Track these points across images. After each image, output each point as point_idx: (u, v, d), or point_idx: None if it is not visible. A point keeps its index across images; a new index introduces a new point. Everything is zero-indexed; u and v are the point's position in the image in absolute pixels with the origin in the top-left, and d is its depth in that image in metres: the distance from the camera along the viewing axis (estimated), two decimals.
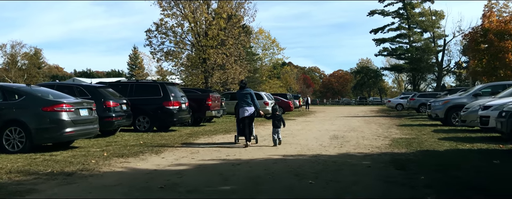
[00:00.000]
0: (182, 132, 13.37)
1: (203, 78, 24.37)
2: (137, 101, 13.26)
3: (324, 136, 11.89)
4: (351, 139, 11.07)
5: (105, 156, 7.91)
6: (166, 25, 23.92)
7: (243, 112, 9.55)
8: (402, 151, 8.38)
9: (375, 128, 15.22)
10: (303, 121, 20.79)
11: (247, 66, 26.97)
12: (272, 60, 53.98)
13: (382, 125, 16.62)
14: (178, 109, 13.45)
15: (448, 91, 22.03)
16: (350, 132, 13.19)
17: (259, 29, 50.82)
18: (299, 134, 12.84)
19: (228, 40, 23.88)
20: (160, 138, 11.46)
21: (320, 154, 8.17)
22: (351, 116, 26.37)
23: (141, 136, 11.81)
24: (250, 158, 7.69)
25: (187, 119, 14.31)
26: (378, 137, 11.44)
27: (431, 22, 68.34)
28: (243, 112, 9.56)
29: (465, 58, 67.13)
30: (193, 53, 24.49)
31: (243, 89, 9.71)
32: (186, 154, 8.34)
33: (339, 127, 15.81)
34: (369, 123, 17.99)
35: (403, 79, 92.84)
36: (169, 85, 13.85)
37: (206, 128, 15.43)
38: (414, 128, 14.81)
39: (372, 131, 13.60)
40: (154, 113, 13.20)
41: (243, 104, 9.56)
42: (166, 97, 13.24)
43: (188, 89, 18.21)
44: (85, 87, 11.53)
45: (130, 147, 9.29)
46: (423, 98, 29.84)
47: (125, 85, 13.88)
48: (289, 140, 10.95)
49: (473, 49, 28.23)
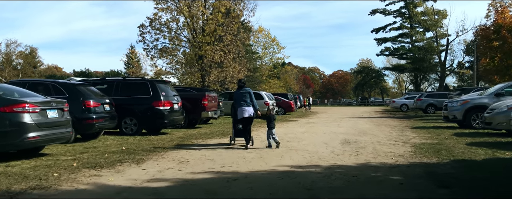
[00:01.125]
0: (174, 135, 11.97)
1: (200, 77, 22.87)
2: (123, 101, 11.85)
3: (334, 141, 10.48)
4: (366, 144, 9.67)
5: (73, 167, 6.50)
6: (160, 20, 22.46)
7: (242, 112, 8.91)
8: (433, 161, 6.98)
9: (388, 130, 13.83)
10: (306, 122, 19.39)
11: (246, 65, 25.44)
12: (272, 60, 52.50)
13: (394, 127, 15.22)
14: (169, 110, 12.03)
15: (461, 90, 20.66)
16: (361, 136, 11.79)
17: (259, 28, 49.41)
18: (304, 137, 11.44)
19: (226, 37, 22.37)
20: (147, 142, 10.05)
21: (335, 164, 6.77)
22: (356, 117, 24.99)
23: (126, 141, 10.40)
24: (249, 171, 6.29)
25: (180, 120, 12.89)
26: (396, 142, 10.04)
27: (433, 21, 66.98)
28: (241, 112, 8.93)
29: (469, 58, 66.06)
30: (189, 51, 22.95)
31: (241, 88, 9.13)
32: (172, 164, 6.93)
33: (347, 129, 14.41)
34: (379, 125, 16.59)
35: (404, 80, 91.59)
36: (160, 83, 12.44)
37: (202, 130, 14.02)
38: (431, 130, 13.41)
39: (385, 135, 12.20)
40: (142, 114, 11.78)
41: (242, 103, 8.95)
42: (156, 96, 11.82)
43: (182, 88, 16.79)
44: (62, 84, 10.10)
45: (108, 155, 7.88)
46: (431, 99, 28.52)
47: (110, 83, 12.46)
48: (295, 145, 9.55)
49: (485, 46, 26.81)
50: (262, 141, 10.07)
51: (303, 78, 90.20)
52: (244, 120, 8.93)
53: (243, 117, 8.88)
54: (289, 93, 37.59)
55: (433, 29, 67.08)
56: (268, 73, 50.84)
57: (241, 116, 8.89)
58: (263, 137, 10.78)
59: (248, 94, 8.96)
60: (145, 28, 22.46)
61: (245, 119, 8.92)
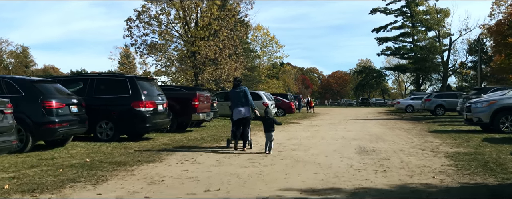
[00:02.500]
0: (158, 142, 10.20)
1: (193, 75, 20.96)
2: (98, 101, 10.09)
3: (348, 149, 8.73)
4: (388, 154, 7.92)
5: (2, 191, 4.74)
6: (149, 13, 20.57)
7: (238, 113, 8.37)
8: (491, 182, 5.23)
9: (404, 135, 12.08)
10: (309, 125, 17.64)
11: (243, 62, 23.54)
12: (271, 59, 50.67)
13: (409, 131, 13.47)
14: (152, 111, 10.25)
15: (477, 90, 18.92)
16: (378, 142, 10.04)
17: (258, 26, 47.67)
18: (311, 144, 9.68)
19: (221, 31, 20.46)
20: (121, 151, 8.28)
21: (361, 186, 5.01)
22: (361, 118, 23.27)
23: (98, 149, 8.62)
24: (245, 198, 4.52)
25: (165, 124, 11.10)
26: (423, 151, 8.29)
27: (436, 20, 65.49)
28: (237, 113, 8.39)
29: (472, 57, 64.47)
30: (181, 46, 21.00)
31: (237, 87, 8.56)
32: (141, 184, 5.17)
33: (357, 133, 12.66)
34: (391, 128, 14.84)
35: (403, 80, 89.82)
36: (141, 80, 10.64)
37: (192, 134, 12.26)
38: (454, 135, 11.67)
39: (405, 141, 10.45)
40: (119, 117, 9.99)
41: (237, 104, 8.42)
42: (136, 95, 10.04)
43: (171, 87, 15.03)
44: (16, 80, 8.28)
45: (64, 170, 6.11)
46: (440, 99, 26.81)
47: (84, 80, 10.65)
48: (301, 155, 7.80)
49: (499, 43, 25.09)
50: (262, 147, 8.33)
51: (302, 78, 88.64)
52: (239, 121, 8.36)
53: (238, 118, 8.35)
54: (289, 93, 35.85)
55: (436, 28, 65.52)
56: (267, 72, 49.04)
57: (236, 117, 8.37)
58: (262, 143, 9.03)
59: (243, 93, 8.41)
60: (132, 22, 20.59)
61: (241, 120, 8.35)
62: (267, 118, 8.26)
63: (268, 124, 8.14)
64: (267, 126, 8.11)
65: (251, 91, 20.26)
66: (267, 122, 8.18)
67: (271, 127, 8.10)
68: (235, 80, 8.74)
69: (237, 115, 8.34)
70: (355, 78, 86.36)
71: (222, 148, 8.79)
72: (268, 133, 8.08)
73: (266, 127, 8.12)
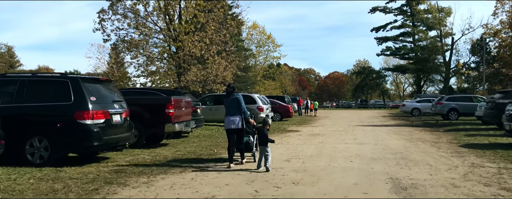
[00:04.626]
0: (112, 164, 7.53)
1: (176, 76, 18.09)
2: (29, 110, 7.43)
3: (374, 183, 6.06)
4: (440, 195, 5.27)
5: None
6: (124, 3, 17.68)
7: (228, 124, 7.60)
8: None
9: (435, 152, 9.44)
10: (310, 133, 15.00)
11: (235, 61, 20.67)
12: (267, 59, 47.90)
13: (437, 145, 10.84)
14: (103, 124, 7.55)
15: (504, 93, 16.33)
16: (410, 167, 7.39)
17: (253, 24, 44.96)
18: (319, 170, 7.02)
19: (209, 25, 17.65)
20: (45, 185, 5.59)
21: None
22: (367, 124, 20.69)
23: (14, 181, 5.92)
24: None
25: (124, 139, 8.33)
26: (487, 187, 5.65)
27: (437, 19, 63.18)
28: (228, 123, 7.62)
29: (474, 58, 62.16)
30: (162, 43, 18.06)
31: (230, 95, 7.68)
32: None
33: (374, 149, 10.02)
34: (412, 140, 12.21)
35: (402, 81, 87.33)
36: (90, 82, 7.91)
37: (165, 151, 9.57)
38: (502, 153, 9.06)
39: (444, 163, 7.82)
40: (58, 132, 7.28)
41: (229, 112, 7.66)
42: (80, 103, 7.32)
43: (143, 90, 12.32)
44: None
45: None
46: (453, 102, 24.25)
47: (12, 81, 7.91)
48: (308, 192, 5.16)
49: None
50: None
51: (298, 80, 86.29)
52: (230, 132, 7.62)
53: (228, 128, 7.61)
54: (286, 95, 33.23)
55: (437, 28, 63.24)
56: (263, 73, 46.31)
57: (227, 127, 7.64)
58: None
59: (236, 101, 7.56)
60: (105, 14, 17.73)
61: (232, 131, 7.59)
62: (261, 130, 7.35)
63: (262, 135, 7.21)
64: (262, 138, 7.20)
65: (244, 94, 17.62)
66: (261, 133, 7.30)
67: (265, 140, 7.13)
68: (229, 88, 7.79)
69: (227, 124, 7.59)
70: (353, 79, 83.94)
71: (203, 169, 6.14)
72: (262, 146, 7.13)
73: (261, 139, 7.25)
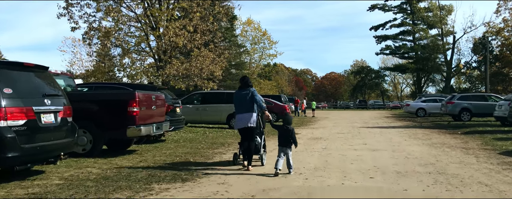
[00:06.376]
0: (44, 183, 5.31)
1: (155, 70, 15.71)
2: None
3: None
4: None
5: None
6: None
7: (240, 120, 6.69)
8: None
9: (474, 162, 7.30)
10: (311, 137, 12.87)
11: (225, 53, 18.22)
12: (263, 57, 45.68)
13: (469, 152, 8.70)
14: (24, 127, 5.32)
15: None
16: (460, 188, 5.24)
17: (248, 19, 42.77)
18: (328, 192, 4.85)
19: (193, 10, 15.27)
20: None
21: None
22: (373, 125, 18.60)
23: None
24: None
25: (61, 147, 6.08)
26: None
27: (438, 17, 61.25)
28: (240, 121, 6.72)
29: (477, 57, 60.40)
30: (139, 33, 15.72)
31: (244, 87, 6.76)
32: None
33: (396, 159, 7.85)
34: (435, 146, 10.04)
35: (400, 82, 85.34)
36: (7, 68, 5.68)
37: (125, 161, 7.34)
38: None
39: (506, 182, 5.68)
40: None
41: (241, 108, 6.71)
42: None
43: (107, 85, 10.10)
44: None
45: None
46: (465, 102, 22.19)
47: None
48: None
49: None
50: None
51: (295, 80, 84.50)
52: (242, 132, 6.76)
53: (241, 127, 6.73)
54: (282, 95, 31.08)
55: (438, 26, 61.28)
56: (259, 72, 44.13)
57: (238, 125, 6.79)
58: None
59: (250, 94, 6.65)
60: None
61: (244, 130, 6.72)
62: (285, 128, 6.38)
63: (286, 136, 6.32)
64: (284, 140, 6.33)
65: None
66: (284, 133, 6.36)
67: (288, 142, 6.32)
68: (242, 80, 7.02)
69: (239, 123, 6.79)
70: (350, 79, 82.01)
71: (163, 190, 3.97)
72: (283, 147, 6.31)
73: (282, 140, 6.35)
